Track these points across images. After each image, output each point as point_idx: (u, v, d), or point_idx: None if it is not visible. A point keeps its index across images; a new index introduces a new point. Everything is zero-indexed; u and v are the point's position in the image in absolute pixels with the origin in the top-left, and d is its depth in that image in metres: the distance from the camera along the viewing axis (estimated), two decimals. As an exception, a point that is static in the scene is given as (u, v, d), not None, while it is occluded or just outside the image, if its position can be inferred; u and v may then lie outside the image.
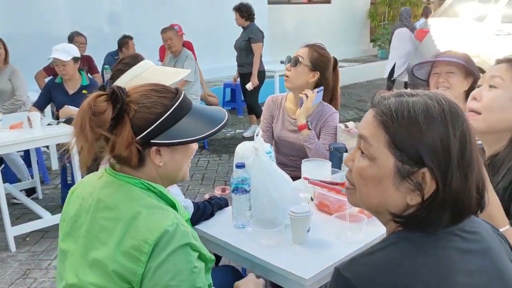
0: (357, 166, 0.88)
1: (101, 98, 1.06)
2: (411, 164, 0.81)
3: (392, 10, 10.86)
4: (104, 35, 6.60)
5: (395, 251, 0.82)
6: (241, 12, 5.27)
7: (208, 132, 1.15)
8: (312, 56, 2.30)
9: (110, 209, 1.10)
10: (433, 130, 0.80)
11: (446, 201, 0.81)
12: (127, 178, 1.12)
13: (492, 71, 1.41)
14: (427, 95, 0.85)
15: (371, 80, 9.59)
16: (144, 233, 1.02)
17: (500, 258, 0.89)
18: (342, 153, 2.07)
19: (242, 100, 6.12)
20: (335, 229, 1.61)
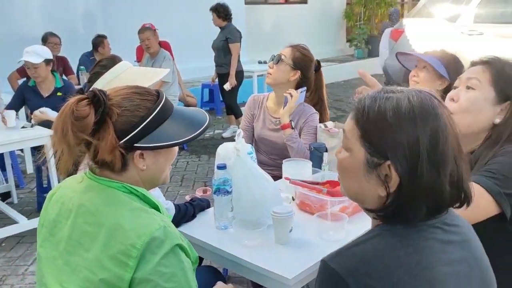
0: (339, 158, 0.96)
1: (83, 102, 1.04)
2: (378, 157, 0.87)
3: (368, 11, 11.00)
4: (79, 36, 6.49)
5: (379, 243, 0.86)
6: (218, 12, 5.26)
7: (192, 135, 1.14)
8: (294, 56, 2.34)
9: (93, 214, 1.07)
10: (400, 126, 0.85)
11: (416, 195, 0.85)
12: (109, 182, 1.10)
13: (468, 73, 1.44)
14: (403, 92, 0.89)
15: (348, 80, 9.70)
16: (131, 237, 1.01)
17: (478, 249, 0.94)
18: (322, 153, 2.09)
19: (221, 100, 6.11)
20: (317, 229, 1.62)
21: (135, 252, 0.99)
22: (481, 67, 1.42)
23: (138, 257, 0.99)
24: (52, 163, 3.21)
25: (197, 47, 7.36)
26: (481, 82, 1.39)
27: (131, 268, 0.99)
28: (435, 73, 2.11)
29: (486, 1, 5.42)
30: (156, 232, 1.02)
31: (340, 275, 0.82)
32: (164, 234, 1.03)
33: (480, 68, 1.42)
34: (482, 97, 1.39)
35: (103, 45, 5.66)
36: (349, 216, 1.63)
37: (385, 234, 0.87)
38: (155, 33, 5.22)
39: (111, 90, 1.12)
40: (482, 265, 0.93)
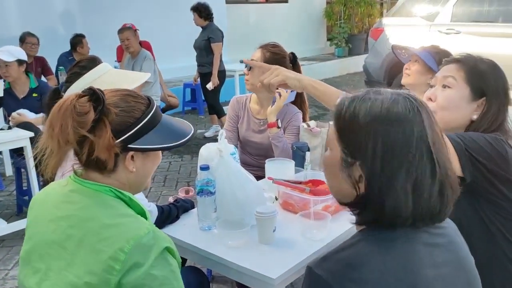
0: (323, 156, 1.00)
1: (83, 99, 1.04)
2: (350, 157, 0.89)
3: (348, 10, 11.08)
4: (57, 36, 6.38)
5: (365, 247, 0.86)
6: (200, 12, 5.24)
7: (179, 142, 1.16)
8: (265, 57, 2.33)
9: (78, 218, 1.07)
10: (372, 129, 0.86)
11: (382, 198, 0.85)
12: (96, 186, 1.10)
13: (444, 71, 1.47)
14: (383, 95, 0.90)
15: (329, 78, 9.76)
16: (119, 241, 1.00)
17: (463, 250, 0.95)
18: (305, 152, 2.10)
19: (203, 100, 6.09)
20: (300, 228, 1.63)
21: (123, 256, 0.99)
22: (455, 65, 1.45)
23: (125, 261, 0.99)
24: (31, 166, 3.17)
25: (178, 46, 7.32)
26: (457, 80, 1.42)
27: (118, 272, 0.99)
28: (426, 67, 2.17)
29: (463, 1, 5.52)
30: (145, 237, 1.02)
31: (326, 281, 0.82)
32: (153, 238, 1.03)
33: (454, 66, 1.45)
34: (458, 95, 1.42)
35: (81, 45, 5.59)
36: (331, 214, 1.65)
37: (370, 239, 0.87)
38: (135, 33, 5.18)
39: (106, 90, 1.12)
40: (467, 267, 0.93)
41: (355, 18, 11.26)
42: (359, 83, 8.70)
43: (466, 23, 5.43)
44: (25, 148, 3.11)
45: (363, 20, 11.50)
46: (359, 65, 8.03)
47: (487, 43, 5.16)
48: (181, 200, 1.85)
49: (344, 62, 10.48)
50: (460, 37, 5.34)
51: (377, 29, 6.29)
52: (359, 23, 11.42)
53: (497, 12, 5.40)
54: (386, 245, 0.85)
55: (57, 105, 1.04)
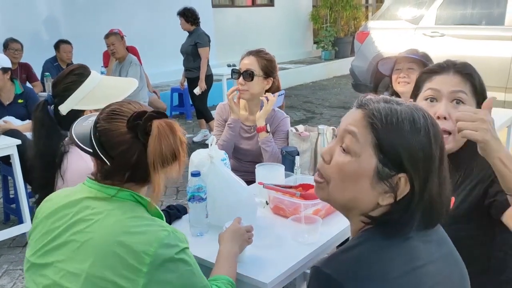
0: (338, 160, 0.91)
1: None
2: (390, 168, 0.86)
3: (334, 13, 11.17)
4: (42, 42, 6.33)
5: (371, 246, 0.87)
6: (186, 17, 5.23)
7: None
8: (262, 64, 2.34)
9: (100, 223, 1.09)
10: (417, 140, 0.86)
11: (420, 205, 0.87)
12: (115, 191, 1.13)
13: (448, 85, 1.36)
14: (411, 106, 0.90)
15: (316, 81, 9.83)
16: (143, 244, 1.05)
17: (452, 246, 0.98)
18: (294, 156, 2.12)
19: (191, 104, 6.08)
20: (291, 232, 1.64)
21: (148, 259, 1.04)
22: (458, 77, 1.36)
23: (151, 263, 1.04)
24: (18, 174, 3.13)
25: (165, 51, 7.31)
26: (467, 94, 1.34)
27: (145, 274, 1.04)
28: None
29: (447, 4, 5.61)
30: (166, 239, 1.07)
31: (336, 280, 0.82)
32: (174, 239, 1.09)
33: (461, 78, 1.36)
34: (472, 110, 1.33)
35: (58, 50, 5.55)
36: (322, 218, 1.67)
37: (375, 238, 0.89)
38: (121, 38, 5.16)
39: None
40: (458, 261, 0.97)
41: (341, 22, 11.36)
42: (346, 86, 8.77)
43: (450, 26, 5.52)
44: (12, 156, 3.08)
45: (349, 23, 11.61)
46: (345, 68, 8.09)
47: (471, 46, 5.25)
48: (174, 207, 1.85)
49: (330, 65, 10.56)
50: (444, 40, 5.42)
51: (363, 33, 6.35)
52: (345, 26, 11.53)
53: (481, 15, 5.49)
54: (392, 243, 0.87)
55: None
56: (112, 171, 1.13)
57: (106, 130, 1.12)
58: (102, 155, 1.12)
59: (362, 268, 0.84)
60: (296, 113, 7.04)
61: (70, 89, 1.65)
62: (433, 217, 0.90)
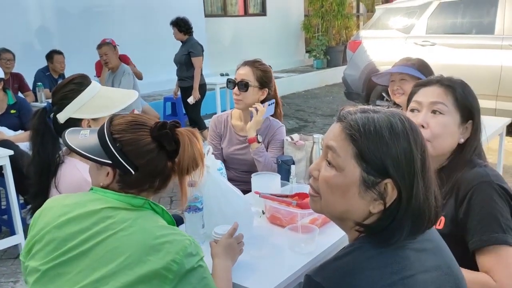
0: (324, 175, 0.93)
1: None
2: (375, 175, 0.88)
3: (325, 22, 11.26)
4: (35, 52, 6.30)
5: (360, 255, 0.88)
6: (179, 26, 5.25)
7: None
8: (257, 75, 2.35)
9: (123, 231, 1.10)
10: (397, 145, 0.87)
11: (408, 210, 0.88)
12: (133, 199, 1.17)
13: (429, 96, 1.41)
14: (388, 112, 0.92)
15: (308, 90, 9.87)
16: (172, 253, 1.08)
17: (449, 255, 0.98)
18: (290, 165, 2.12)
19: (184, 113, 6.07)
20: (288, 242, 1.64)
21: (176, 267, 1.07)
22: (440, 89, 1.41)
23: (178, 271, 1.07)
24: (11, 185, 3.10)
25: (158, 60, 7.32)
26: (448, 106, 1.39)
27: (171, 281, 1.07)
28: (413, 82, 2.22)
29: (437, 13, 5.69)
30: (189, 247, 1.11)
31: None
32: (195, 248, 1.13)
33: (440, 90, 1.41)
34: (452, 121, 1.39)
35: (51, 60, 5.55)
36: (319, 227, 1.67)
37: (365, 246, 0.89)
38: (114, 48, 5.15)
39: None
40: (454, 270, 0.96)
41: (333, 31, 11.45)
42: (338, 94, 8.81)
43: (441, 35, 5.60)
44: (5, 166, 3.05)
45: (341, 33, 11.70)
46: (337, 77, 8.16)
47: (461, 54, 5.31)
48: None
49: (323, 73, 10.62)
50: (435, 49, 5.48)
51: (355, 42, 6.41)
52: (336, 35, 11.61)
53: (471, 24, 5.57)
54: (381, 252, 0.88)
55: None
56: (136, 180, 1.17)
57: (131, 140, 1.17)
58: (126, 164, 1.15)
59: (350, 277, 0.85)
60: (288, 121, 7.06)
61: (68, 97, 1.65)
62: (423, 221, 0.91)
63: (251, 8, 10.57)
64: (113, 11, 7.30)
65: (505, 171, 4.16)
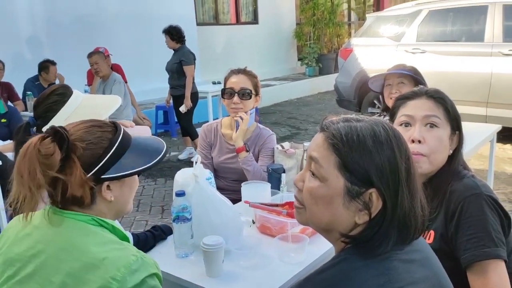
0: (308, 186, 0.92)
1: (47, 140, 1.03)
2: (359, 185, 0.86)
3: (317, 30, 11.32)
4: (25, 61, 6.27)
5: (346, 267, 0.86)
6: (171, 35, 5.24)
7: (153, 161, 1.16)
8: (253, 83, 2.36)
9: (65, 250, 1.04)
10: (381, 153, 0.86)
11: (394, 219, 0.86)
12: (77, 216, 1.08)
13: (421, 109, 1.39)
14: (371, 121, 0.91)
15: (300, 97, 9.89)
16: (110, 270, 1.00)
17: (437, 266, 0.96)
18: (280, 174, 2.10)
19: (176, 122, 6.05)
20: (278, 251, 1.62)
21: (115, 284, 0.99)
22: (433, 102, 1.39)
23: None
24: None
25: (150, 69, 7.31)
26: (441, 118, 1.37)
27: None
28: (412, 85, 2.23)
29: (427, 21, 5.73)
30: (134, 264, 1.02)
31: None
32: (142, 265, 1.04)
33: (433, 103, 1.39)
34: (446, 134, 1.37)
35: (47, 70, 5.53)
36: (309, 236, 1.65)
37: (351, 258, 0.88)
38: (105, 57, 5.14)
39: (69, 125, 1.12)
40: (443, 282, 0.95)
41: (324, 38, 11.51)
42: (330, 101, 8.84)
43: (431, 43, 5.64)
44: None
45: (332, 40, 11.77)
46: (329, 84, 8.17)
47: (451, 62, 5.35)
48: (159, 227, 1.81)
49: (315, 81, 10.66)
50: (425, 56, 5.52)
51: (346, 49, 6.44)
52: (328, 43, 11.68)
53: (461, 31, 5.62)
54: (367, 264, 0.86)
55: (21, 151, 1.03)
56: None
57: None
58: None
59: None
60: (281, 129, 7.06)
61: (53, 109, 1.63)
62: (409, 231, 0.89)
63: (243, 17, 10.61)
64: (105, 20, 7.29)
65: (496, 177, 4.18)
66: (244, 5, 10.64)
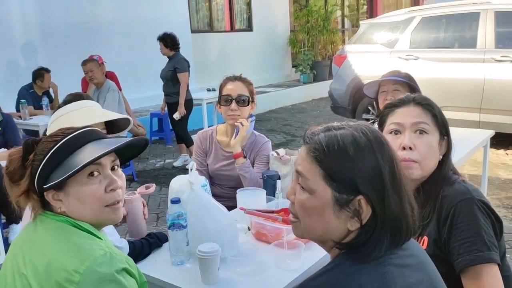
0: (298, 199, 0.93)
1: (14, 151, 1.12)
2: (347, 193, 0.87)
3: (311, 37, 11.38)
4: (19, 68, 6.25)
5: (340, 272, 0.87)
6: (166, 42, 5.25)
7: (83, 163, 1.06)
8: (249, 90, 2.37)
9: (36, 244, 1.08)
10: (363, 159, 0.87)
11: (385, 223, 0.87)
12: (54, 216, 1.12)
13: (410, 116, 1.41)
14: (352, 127, 0.92)
15: (295, 104, 9.92)
16: (74, 263, 0.99)
17: (432, 271, 0.97)
18: (276, 180, 2.11)
19: (171, 129, 6.05)
20: (274, 258, 1.62)
21: (77, 277, 0.97)
22: (421, 109, 1.41)
23: (79, 282, 0.97)
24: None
25: (144, 76, 7.31)
26: (429, 125, 1.39)
27: None
28: (407, 92, 2.24)
29: (420, 28, 5.78)
30: (100, 258, 1.01)
31: None
32: (110, 259, 1.02)
33: (421, 110, 1.41)
34: (435, 139, 1.39)
35: (41, 78, 5.52)
36: (305, 243, 1.65)
37: (345, 263, 0.88)
38: (99, 65, 5.14)
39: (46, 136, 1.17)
40: (437, 287, 0.95)
41: (319, 45, 11.57)
42: (325, 108, 8.86)
43: (424, 49, 5.68)
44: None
45: (326, 47, 11.83)
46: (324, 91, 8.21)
47: (444, 68, 5.40)
48: (154, 235, 1.80)
49: (309, 88, 10.69)
50: (419, 63, 5.56)
51: (340, 56, 6.47)
52: (322, 50, 11.74)
53: (453, 38, 5.67)
54: (361, 269, 0.86)
55: None
56: None
57: None
58: None
59: None
60: (276, 136, 7.06)
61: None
62: (401, 233, 0.90)
63: (237, 24, 10.65)
64: (99, 27, 7.29)
65: (490, 182, 4.20)
66: (239, 12, 10.69)
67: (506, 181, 4.52)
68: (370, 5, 14.77)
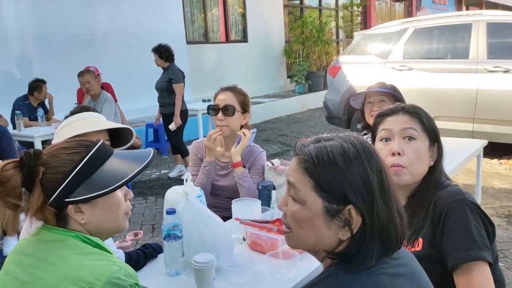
0: (290, 210, 0.94)
1: (8, 166, 1.05)
2: (337, 203, 0.89)
3: (306, 48, 11.47)
4: (14, 80, 6.26)
5: (334, 282, 0.88)
6: (160, 53, 5.28)
7: (125, 179, 1.10)
8: (240, 100, 2.37)
9: (48, 262, 1.06)
10: (352, 170, 0.88)
11: (375, 232, 0.88)
12: (63, 231, 1.10)
13: (399, 123, 1.45)
14: (341, 138, 0.94)
15: (291, 114, 9.96)
16: (90, 280, 1.00)
17: (424, 280, 0.98)
18: (271, 191, 2.12)
19: (166, 140, 6.05)
20: (269, 268, 1.62)
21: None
22: (406, 116, 1.45)
23: None
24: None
25: (139, 87, 7.32)
26: (418, 131, 1.43)
27: None
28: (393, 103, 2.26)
29: (413, 39, 5.85)
30: (115, 273, 1.03)
31: None
32: (124, 275, 1.04)
33: (409, 117, 1.45)
34: (424, 145, 1.43)
35: (39, 90, 5.52)
36: (300, 253, 1.66)
37: (338, 273, 0.89)
38: (95, 76, 5.16)
39: (47, 148, 1.14)
40: None
41: (313, 56, 11.65)
42: (320, 118, 8.90)
43: (418, 60, 5.74)
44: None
45: (321, 58, 11.91)
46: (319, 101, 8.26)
47: (438, 79, 5.45)
48: (150, 246, 1.81)
49: (304, 98, 10.75)
50: (412, 73, 5.62)
51: (335, 67, 6.53)
52: (317, 60, 11.82)
53: (446, 49, 5.74)
54: (354, 278, 0.87)
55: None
56: None
57: None
58: None
59: None
60: (271, 146, 7.08)
61: None
62: (391, 241, 0.91)
63: (232, 35, 10.72)
64: (95, 38, 7.32)
65: (484, 192, 4.23)
66: (234, 23, 10.77)
67: (500, 190, 4.55)
68: (364, 17, 14.93)
